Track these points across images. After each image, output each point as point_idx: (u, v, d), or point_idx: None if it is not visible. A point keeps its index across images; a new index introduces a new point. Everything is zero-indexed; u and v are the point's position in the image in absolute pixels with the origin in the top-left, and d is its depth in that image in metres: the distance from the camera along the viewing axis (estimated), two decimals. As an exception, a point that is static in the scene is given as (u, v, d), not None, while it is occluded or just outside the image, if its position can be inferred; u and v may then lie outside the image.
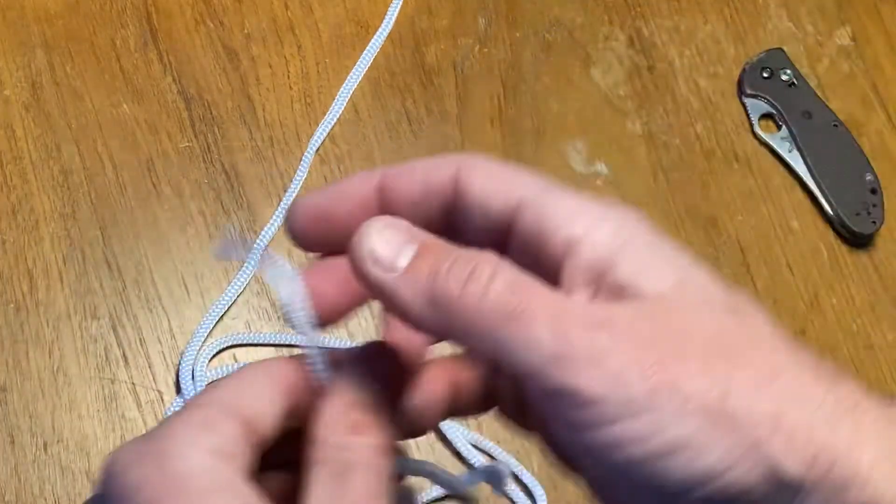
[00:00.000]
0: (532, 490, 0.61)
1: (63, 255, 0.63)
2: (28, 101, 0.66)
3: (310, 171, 0.67)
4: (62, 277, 0.62)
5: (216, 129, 0.67)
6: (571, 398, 0.27)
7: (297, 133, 0.68)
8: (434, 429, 0.34)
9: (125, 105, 0.67)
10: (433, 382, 0.33)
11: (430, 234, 0.30)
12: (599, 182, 0.69)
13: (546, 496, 0.61)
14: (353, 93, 0.69)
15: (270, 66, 0.69)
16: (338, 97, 0.69)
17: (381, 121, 0.69)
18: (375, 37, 0.70)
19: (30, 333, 0.61)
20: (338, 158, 0.68)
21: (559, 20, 0.73)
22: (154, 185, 0.65)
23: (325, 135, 0.68)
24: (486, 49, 0.71)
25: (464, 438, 0.61)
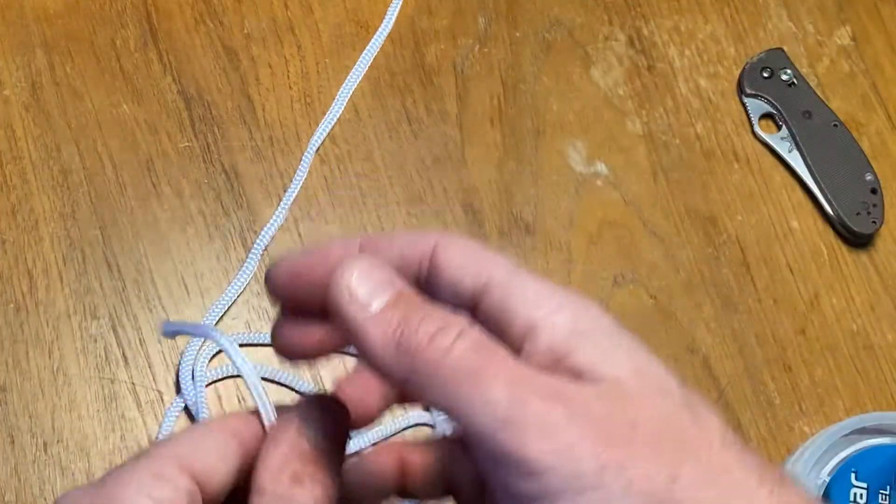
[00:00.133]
0: None
1: (63, 255, 0.63)
2: (28, 101, 0.66)
3: (310, 171, 0.67)
4: (62, 277, 0.62)
5: (216, 129, 0.67)
6: (519, 466, 0.27)
7: (297, 133, 0.68)
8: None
9: (125, 105, 0.67)
10: (381, 455, 0.34)
11: (409, 286, 0.31)
12: (599, 182, 0.69)
13: None
14: (353, 93, 0.69)
15: (270, 66, 0.69)
16: (338, 97, 0.69)
17: (381, 121, 0.69)
18: (375, 37, 0.70)
19: (30, 333, 0.61)
20: (338, 158, 0.68)
21: (559, 20, 0.73)
22: (154, 185, 0.65)
23: (325, 135, 0.68)
24: (486, 49, 0.71)
25: None
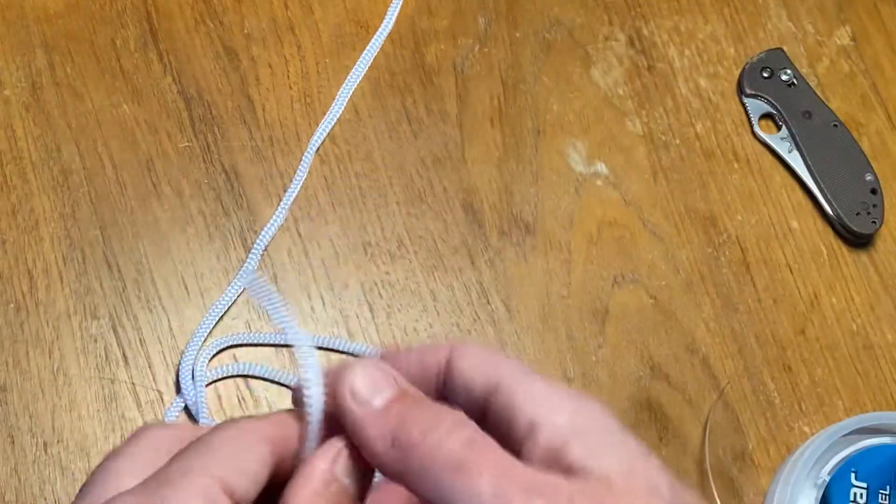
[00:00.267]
0: None
1: (63, 255, 0.63)
2: (28, 101, 0.66)
3: (310, 171, 0.67)
4: (62, 277, 0.62)
5: (216, 129, 0.67)
6: None
7: (297, 133, 0.68)
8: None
9: (125, 105, 0.67)
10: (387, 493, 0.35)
11: (411, 386, 0.32)
12: (599, 182, 0.69)
13: None
14: (353, 93, 0.69)
15: (270, 66, 0.69)
16: (338, 97, 0.69)
17: (381, 121, 0.69)
18: (375, 37, 0.70)
19: (30, 333, 0.61)
20: (338, 158, 0.68)
21: (559, 20, 0.73)
22: (154, 185, 0.65)
23: (325, 135, 0.68)
24: (486, 49, 0.71)
25: None
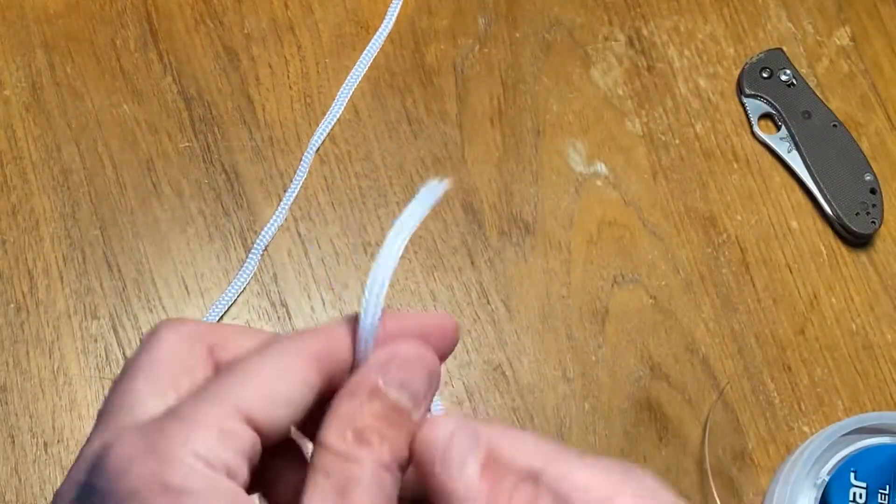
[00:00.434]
0: None
1: (63, 255, 0.63)
2: (28, 101, 0.66)
3: (310, 171, 0.67)
4: (62, 277, 0.63)
5: (216, 129, 0.67)
6: None
7: (297, 133, 0.68)
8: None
9: (125, 105, 0.67)
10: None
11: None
12: (599, 182, 0.69)
13: None
14: (353, 93, 0.69)
15: (270, 66, 0.69)
16: (338, 97, 0.69)
17: (381, 121, 0.69)
18: (375, 37, 0.70)
19: (30, 333, 0.61)
20: (337, 158, 0.68)
21: (559, 20, 0.73)
22: (154, 185, 0.65)
23: (325, 135, 0.68)
24: (486, 49, 0.71)
25: None
